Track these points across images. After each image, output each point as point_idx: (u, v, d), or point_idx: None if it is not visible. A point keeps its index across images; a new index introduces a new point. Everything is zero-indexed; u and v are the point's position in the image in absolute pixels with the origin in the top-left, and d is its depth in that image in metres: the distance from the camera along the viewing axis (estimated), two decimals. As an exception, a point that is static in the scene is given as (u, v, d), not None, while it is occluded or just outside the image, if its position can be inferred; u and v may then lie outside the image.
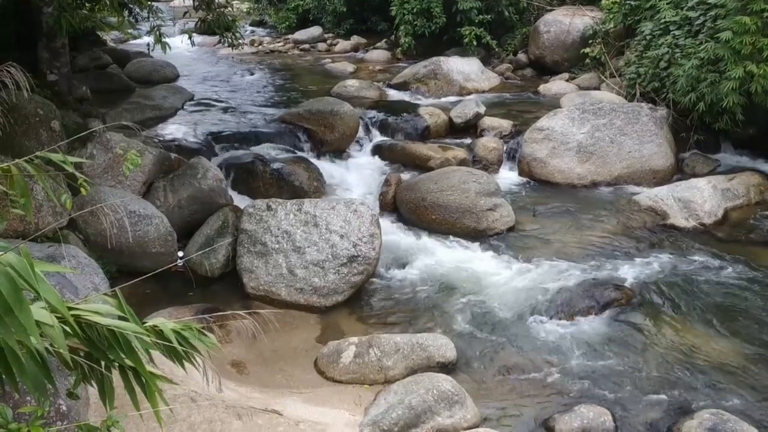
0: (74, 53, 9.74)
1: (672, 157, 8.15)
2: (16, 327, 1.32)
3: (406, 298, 5.61)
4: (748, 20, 6.99)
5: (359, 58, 14.86)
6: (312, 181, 7.31)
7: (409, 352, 4.56)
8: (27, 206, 1.84)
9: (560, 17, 12.39)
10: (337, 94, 10.67)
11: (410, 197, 6.96)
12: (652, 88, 8.96)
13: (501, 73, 12.59)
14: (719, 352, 4.78)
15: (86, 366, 1.65)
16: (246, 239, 5.71)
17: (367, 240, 5.61)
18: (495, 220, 6.67)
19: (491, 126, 9.07)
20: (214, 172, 6.41)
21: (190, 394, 3.71)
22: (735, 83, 7.19)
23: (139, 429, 3.28)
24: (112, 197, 5.48)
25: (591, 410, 4.06)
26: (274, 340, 4.83)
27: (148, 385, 1.66)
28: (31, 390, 1.53)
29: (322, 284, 5.45)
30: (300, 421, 3.79)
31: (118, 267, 5.50)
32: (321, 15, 17.99)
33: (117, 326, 1.55)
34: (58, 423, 2.79)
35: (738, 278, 5.76)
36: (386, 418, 3.89)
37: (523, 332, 5.07)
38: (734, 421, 3.86)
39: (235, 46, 8.02)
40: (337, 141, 8.44)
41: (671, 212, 6.87)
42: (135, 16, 9.94)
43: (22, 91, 2.32)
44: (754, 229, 6.76)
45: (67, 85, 7.97)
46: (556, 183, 7.96)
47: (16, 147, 5.34)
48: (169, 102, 9.76)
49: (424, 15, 13.65)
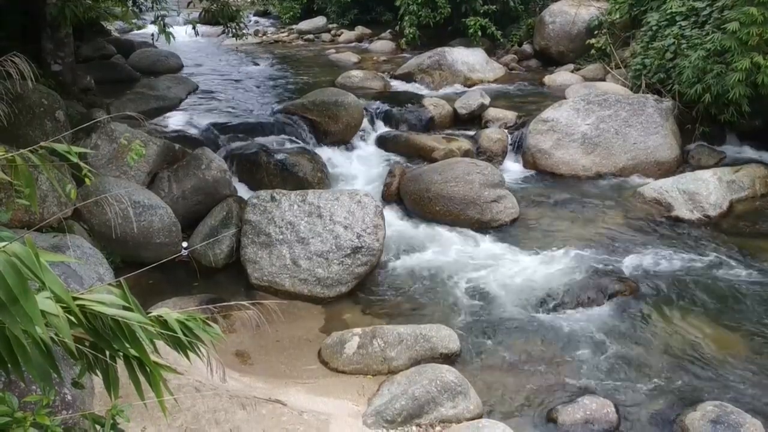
0: (78, 43, 9.73)
1: (677, 148, 8.11)
2: (21, 317, 1.33)
3: (410, 289, 5.61)
4: (755, 11, 6.94)
5: (363, 49, 14.80)
6: (316, 172, 7.30)
7: (413, 343, 4.57)
8: (32, 196, 1.85)
9: (566, 8, 12.32)
10: (341, 84, 10.64)
11: (414, 188, 6.95)
12: (658, 79, 8.91)
13: (506, 64, 12.53)
14: (723, 345, 4.78)
15: (91, 356, 1.66)
16: (250, 230, 5.72)
17: (371, 231, 5.61)
18: (499, 211, 6.66)
19: (496, 117, 9.05)
20: (218, 163, 6.41)
21: (195, 384, 3.73)
22: (741, 74, 7.14)
23: (144, 418, 3.30)
24: (116, 187, 5.49)
25: (594, 401, 4.07)
26: (278, 331, 4.85)
27: (152, 374, 1.67)
28: (36, 379, 1.54)
29: (325, 275, 5.46)
30: (303, 411, 3.81)
31: (123, 257, 5.52)
32: (325, 5, 17.94)
33: (121, 316, 1.56)
34: (63, 412, 2.81)
35: (742, 270, 5.74)
36: (389, 409, 3.90)
37: (526, 323, 5.07)
38: (737, 413, 3.86)
39: (239, 37, 8.00)
40: (341, 132, 8.42)
41: (676, 204, 6.85)
42: (139, 6, 9.91)
43: (27, 82, 2.32)
44: (759, 221, 6.74)
45: (72, 75, 7.97)
46: (560, 174, 7.94)
47: (20, 137, 5.34)
48: (173, 92, 9.75)
49: (429, 5, 13.59)
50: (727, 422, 3.79)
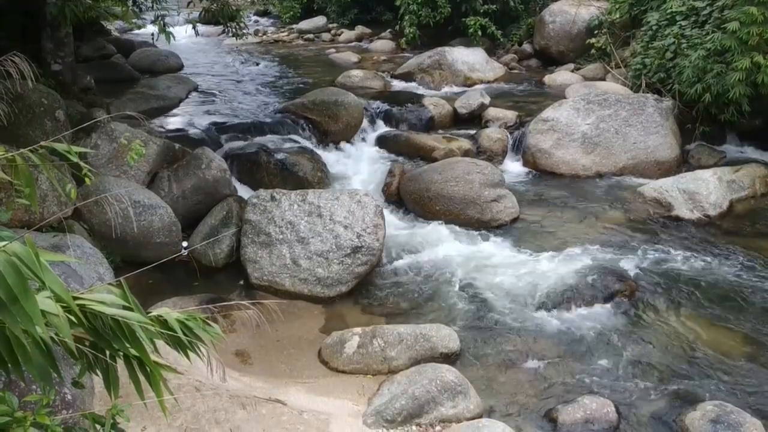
0: (78, 43, 9.73)
1: (677, 148, 8.11)
2: (21, 316, 1.33)
3: (410, 288, 5.61)
4: (755, 10, 6.94)
5: (363, 49, 14.80)
6: (316, 172, 7.30)
7: (413, 343, 4.57)
8: (32, 196, 1.84)
9: (566, 7, 12.32)
10: (341, 84, 10.64)
11: (414, 188, 6.95)
12: (658, 79, 8.91)
13: (506, 64, 12.54)
14: (722, 344, 4.78)
15: (91, 355, 1.66)
16: (250, 230, 5.72)
17: (371, 231, 5.61)
18: (499, 211, 6.66)
19: (496, 117, 9.05)
20: (218, 163, 6.41)
21: (195, 384, 3.74)
22: (741, 74, 7.14)
23: (144, 418, 3.30)
24: (116, 187, 5.49)
25: (594, 401, 4.07)
26: (278, 331, 4.85)
27: (152, 374, 1.67)
28: (36, 379, 1.54)
29: (325, 275, 5.46)
30: (303, 411, 3.81)
31: (123, 257, 5.51)
32: (325, 5, 17.94)
33: (122, 316, 1.56)
34: (63, 412, 2.81)
35: (742, 270, 5.74)
36: (390, 408, 3.90)
37: (526, 323, 5.07)
38: (737, 412, 3.86)
39: (239, 36, 8.00)
40: (341, 131, 8.42)
41: (676, 204, 6.85)
42: (139, 6, 9.90)
43: (27, 81, 2.32)
44: (759, 220, 6.74)
45: (72, 74, 7.96)
46: (560, 174, 7.94)
47: (20, 137, 5.34)
48: (173, 92, 9.76)
49: (429, 5, 13.59)
50: (727, 422, 3.79)
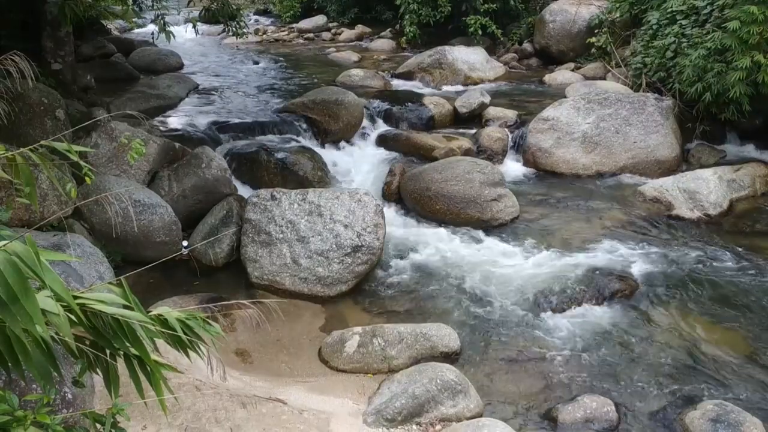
0: (78, 42, 9.73)
1: (677, 147, 8.11)
2: (22, 315, 1.33)
3: (410, 287, 5.61)
4: (755, 9, 6.93)
5: (364, 48, 14.80)
6: (316, 171, 7.30)
7: (413, 342, 4.57)
8: (32, 195, 1.85)
9: (566, 6, 12.31)
10: (342, 83, 10.64)
11: (414, 187, 6.95)
12: (658, 78, 8.91)
13: (506, 63, 12.54)
14: (723, 344, 4.78)
15: (91, 354, 1.66)
16: (250, 229, 5.72)
17: (372, 230, 5.61)
18: (499, 210, 6.66)
19: (496, 116, 9.04)
20: (218, 162, 6.41)
21: (195, 383, 3.74)
22: (742, 73, 7.14)
23: (144, 417, 3.31)
24: (116, 186, 5.49)
25: (594, 400, 4.07)
26: (278, 330, 4.86)
27: (152, 373, 1.67)
28: (36, 378, 1.54)
29: (326, 274, 5.46)
30: (304, 410, 3.81)
31: (123, 256, 5.52)
32: (325, 4, 17.93)
33: (122, 315, 1.56)
34: (63, 411, 2.81)
35: (743, 269, 5.74)
36: (390, 408, 3.91)
37: (526, 322, 5.07)
38: (737, 411, 3.86)
39: (239, 35, 8.01)
40: (342, 130, 8.42)
41: (676, 203, 6.85)
42: (139, 5, 9.90)
43: (27, 80, 2.32)
44: (759, 220, 6.74)
45: (72, 74, 7.96)
46: (561, 173, 7.94)
47: (20, 136, 5.35)
48: (173, 91, 9.75)
49: (429, 4, 13.59)
50: (727, 421, 3.79)
